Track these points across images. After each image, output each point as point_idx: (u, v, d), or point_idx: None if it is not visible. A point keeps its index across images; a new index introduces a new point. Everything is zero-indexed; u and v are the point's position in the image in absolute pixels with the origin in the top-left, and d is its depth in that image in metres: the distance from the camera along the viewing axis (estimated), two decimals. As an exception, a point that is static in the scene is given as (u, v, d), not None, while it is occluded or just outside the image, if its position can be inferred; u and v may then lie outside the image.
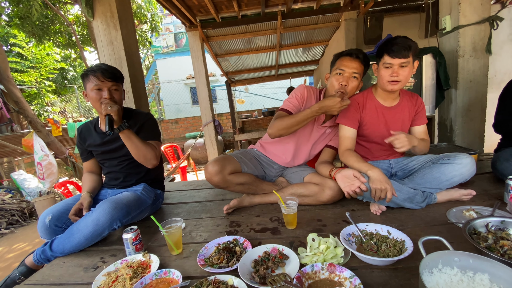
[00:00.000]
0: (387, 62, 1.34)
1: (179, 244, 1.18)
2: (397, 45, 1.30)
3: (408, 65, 1.32)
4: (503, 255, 0.86)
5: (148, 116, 1.58)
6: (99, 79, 1.37)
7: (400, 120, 1.50)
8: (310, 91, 1.60)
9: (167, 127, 8.83)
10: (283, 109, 1.57)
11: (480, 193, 1.44)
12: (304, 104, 1.58)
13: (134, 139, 1.39)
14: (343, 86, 1.43)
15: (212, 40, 4.65)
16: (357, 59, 1.43)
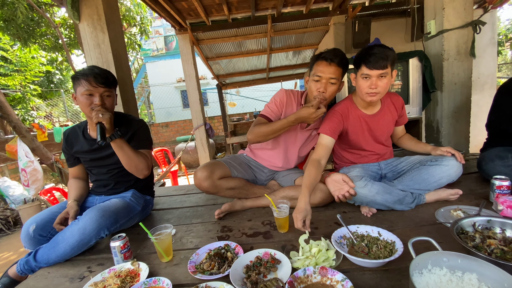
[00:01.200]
0: (365, 73, 1.31)
1: (169, 251, 1.15)
2: (374, 55, 1.26)
3: (387, 76, 1.30)
4: (490, 254, 0.87)
5: (141, 123, 1.53)
6: (91, 84, 1.31)
7: (384, 125, 1.52)
8: (290, 95, 1.59)
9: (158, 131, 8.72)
10: (263, 115, 1.58)
11: (466, 193, 1.47)
12: (283, 109, 1.57)
13: (126, 148, 1.35)
14: (321, 93, 1.41)
15: (203, 43, 4.63)
16: (333, 63, 1.37)
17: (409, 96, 2.35)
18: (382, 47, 1.29)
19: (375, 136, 1.53)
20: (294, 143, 1.65)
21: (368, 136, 1.52)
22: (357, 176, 1.36)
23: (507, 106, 1.56)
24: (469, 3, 2.14)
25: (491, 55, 4.19)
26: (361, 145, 1.54)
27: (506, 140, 1.60)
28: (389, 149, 1.62)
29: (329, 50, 1.41)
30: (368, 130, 1.51)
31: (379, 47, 1.30)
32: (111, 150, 1.38)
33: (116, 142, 1.32)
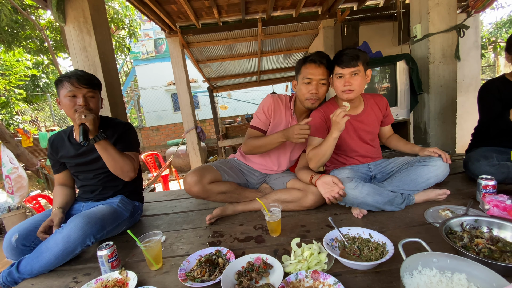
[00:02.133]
0: (338, 72, 1.39)
1: (159, 258, 1.12)
2: (345, 55, 1.34)
3: (359, 73, 1.36)
4: (478, 253, 0.89)
5: (127, 126, 1.51)
6: (74, 85, 1.29)
7: (368, 125, 1.55)
8: (277, 101, 1.59)
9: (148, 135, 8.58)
10: (253, 126, 1.59)
11: (454, 193, 1.50)
12: (272, 116, 1.58)
13: (111, 150, 1.32)
14: (314, 94, 1.45)
15: (193, 46, 4.61)
16: (322, 65, 1.43)
17: (397, 98, 2.39)
18: (353, 48, 1.38)
19: (360, 135, 1.55)
20: (284, 148, 1.65)
21: (354, 136, 1.54)
22: (348, 177, 1.36)
23: (488, 106, 1.62)
24: (453, 8, 2.20)
25: (474, 58, 4.33)
26: (348, 145, 1.56)
27: (490, 140, 1.66)
28: (377, 150, 1.64)
29: (314, 53, 1.47)
30: (353, 130, 1.54)
31: (351, 48, 1.38)
32: (97, 153, 1.35)
33: (100, 143, 1.29)
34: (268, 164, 1.68)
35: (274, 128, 1.59)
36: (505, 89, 1.56)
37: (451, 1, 2.19)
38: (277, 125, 1.59)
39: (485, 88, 1.65)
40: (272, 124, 1.59)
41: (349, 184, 1.33)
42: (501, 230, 0.97)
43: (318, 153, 1.41)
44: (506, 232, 0.95)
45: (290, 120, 1.60)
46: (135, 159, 1.45)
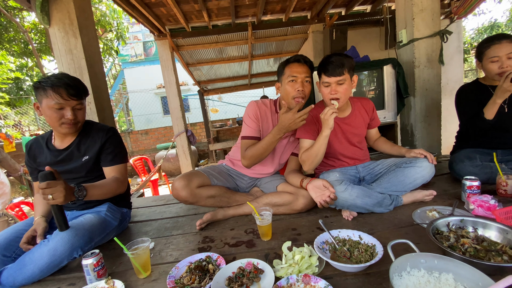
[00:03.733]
0: (325, 81, 1.40)
1: (147, 266, 1.09)
2: (331, 64, 1.36)
3: (345, 82, 1.38)
4: (464, 253, 0.91)
5: (110, 132, 1.40)
6: (62, 97, 1.20)
7: (355, 127, 1.57)
8: (262, 106, 1.59)
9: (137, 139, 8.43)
10: (246, 136, 1.56)
11: (440, 193, 1.54)
12: (260, 121, 1.57)
13: (98, 192, 1.22)
14: (300, 91, 1.45)
15: (183, 49, 4.58)
16: (305, 63, 1.47)
17: (384, 101, 2.44)
18: (339, 56, 1.38)
19: (348, 138, 1.57)
20: (272, 153, 1.65)
21: (342, 138, 1.56)
22: (337, 180, 1.38)
23: (464, 108, 1.70)
24: (436, 14, 2.28)
25: (458, 62, 4.48)
26: (336, 148, 1.57)
27: (471, 141, 1.71)
28: (364, 152, 1.66)
29: (295, 55, 1.50)
30: (341, 133, 1.56)
31: (337, 55, 1.38)
32: (79, 161, 1.31)
33: (87, 196, 1.16)
34: (256, 168, 1.67)
35: (264, 130, 1.59)
36: (478, 91, 1.65)
37: (435, 7, 2.26)
38: (265, 130, 1.59)
39: (461, 92, 1.74)
40: (261, 129, 1.59)
41: (338, 187, 1.34)
42: (485, 229, 0.99)
43: (311, 154, 1.41)
44: (491, 231, 0.98)
45: (276, 119, 1.59)
46: (123, 172, 1.39)
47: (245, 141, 1.55)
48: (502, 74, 1.44)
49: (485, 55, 1.54)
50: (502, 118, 1.54)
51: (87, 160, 1.35)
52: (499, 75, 1.49)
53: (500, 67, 1.49)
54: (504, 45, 1.46)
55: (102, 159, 1.36)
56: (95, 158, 1.36)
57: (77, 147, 1.35)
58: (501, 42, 1.47)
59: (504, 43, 1.47)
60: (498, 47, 1.48)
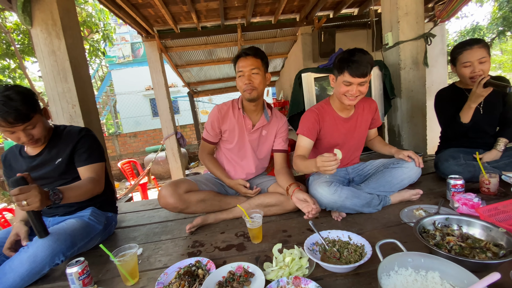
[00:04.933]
0: (347, 80, 1.35)
1: (135, 273, 1.07)
2: (356, 63, 1.30)
3: (366, 82, 1.37)
4: (450, 251, 0.93)
5: (82, 132, 1.36)
6: (4, 126, 1.12)
7: (357, 128, 1.58)
8: (222, 109, 1.57)
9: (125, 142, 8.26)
10: (204, 139, 1.65)
11: (426, 192, 1.57)
12: (222, 125, 1.57)
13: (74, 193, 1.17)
14: (248, 84, 1.42)
15: (172, 51, 4.53)
16: (248, 56, 1.43)
17: (372, 103, 2.48)
18: (362, 53, 1.33)
19: (347, 139, 1.57)
20: (246, 151, 1.63)
21: (343, 138, 1.56)
22: (327, 182, 1.38)
23: (442, 112, 1.76)
24: (420, 17, 2.34)
25: (442, 64, 4.62)
26: (334, 146, 1.55)
27: (454, 141, 1.77)
28: (357, 154, 1.69)
29: (243, 49, 1.48)
30: (343, 134, 1.56)
31: (360, 52, 1.33)
32: (53, 165, 1.28)
33: (64, 199, 1.11)
34: (237, 169, 1.66)
35: (230, 133, 1.58)
36: (455, 95, 1.70)
37: (419, 11, 2.32)
38: (231, 130, 1.58)
39: (438, 96, 1.79)
40: (227, 130, 1.58)
41: (328, 189, 1.35)
42: (470, 227, 1.02)
43: (301, 167, 1.41)
44: (475, 229, 1.00)
45: (243, 120, 1.57)
46: (98, 172, 1.34)
47: (203, 143, 1.67)
48: (474, 79, 1.49)
49: (458, 60, 1.58)
50: (478, 120, 1.60)
51: (60, 162, 1.31)
52: (471, 80, 1.53)
53: (472, 71, 1.53)
54: (475, 50, 1.49)
55: (76, 159, 1.32)
56: (68, 160, 1.32)
57: (48, 151, 1.32)
58: (472, 48, 1.50)
59: (475, 48, 1.49)
60: (470, 52, 1.51)
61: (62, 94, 2.05)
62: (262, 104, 1.60)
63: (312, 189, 1.42)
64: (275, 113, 1.66)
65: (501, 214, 1.13)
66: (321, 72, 2.32)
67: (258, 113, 1.60)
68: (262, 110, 1.61)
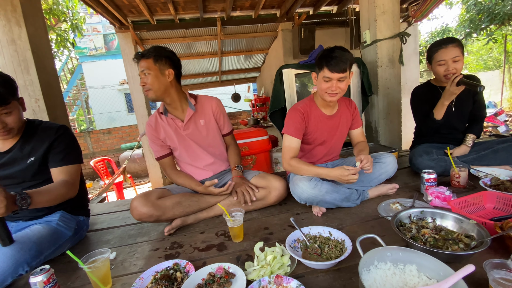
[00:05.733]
0: (326, 76, 1.36)
1: (107, 279, 1.00)
2: (335, 59, 1.31)
3: (346, 79, 1.37)
4: (425, 243, 0.96)
5: (60, 131, 1.26)
6: None
7: (340, 126, 1.58)
8: (152, 122, 1.54)
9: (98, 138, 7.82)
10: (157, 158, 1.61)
11: (402, 186, 1.63)
12: (160, 135, 1.54)
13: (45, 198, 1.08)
14: (144, 86, 1.39)
15: (147, 43, 4.33)
16: (142, 59, 1.38)
17: (351, 99, 2.53)
18: (342, 50, 1.35)
19: (331, 135, 1.58)
20: (195, 149, 1.58)
21: (326, 135, 1.56)
22: (307, 177, 1.39)
23: (417, 108, 1.82)
24: (396, 17, 2.41)
25: (414, 63, 4.83)
26: (317, 143, 1.58)
27: (427, 137, 1.86)
28: (338, 151, 1.71)
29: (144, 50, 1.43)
30: (327, 131, 1.56)
31: (339, 50, 1.34)
32: (24, 164, 1.16)
33: (32, 204, 1.02)
34: (201, 172, 1.62)
35: (170, 141, 1.55)
36: (429, 92, 1.77)
37: (395, 10, 2.39)
38: (169, 137, 1.54)
39: (414, 93, 1.86)
40: (165, 138, 1.55)
41: (308, 184, 1.35)
42: (443, 219, 1.06)
43: (300, 170, 1.42)
44: (448, 221, 1.05)
45: (172, 122, 1.53)
46: (73, 175, 1.25)
47: (159, 162, 1.61)
48: (448, 77, 1.56)
49: (433, 59, 1.63)
50: (450, 117, 1.68)
51: (32, 162, 1.20)
52: (445, 77, 1.60)
53: (446, 70, 1.59)
54: (449, 49, 1.55)
55: (50, 159, 1.21)
56: (41, 160, 1.21)
57: (20, 148, 1.20)
58: (447, 47, 1.55)
59: (450, 47, 1.55)
60: (445, 51, 1.56)
61: (23, 87, 1.88)
62: (183, 98, 1.54)
63: (293, 184, 1.42)
64: (200, 99, 1.60)
65: (471, 206, 1.19)
66: (301, 68, 2.32)
67: (183, 108, 1.54)
68: (186, 103, 1.54)
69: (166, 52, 1.42)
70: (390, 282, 0.78)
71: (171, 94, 1.46)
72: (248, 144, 2.66)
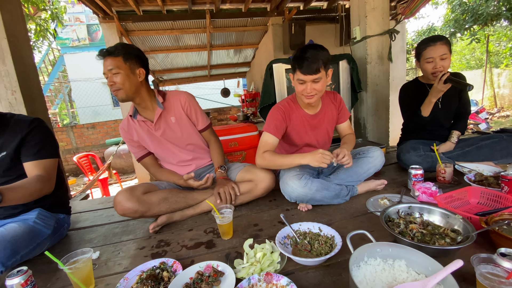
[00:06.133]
0: (300, 78, 1.32)
1: (89, 280, 0.95)
2: (307, 60, 1.26)
3: (321, 79, 1.31)
4: (413, 238, 0.96)
5: (33, 124, 1.19)
6: None
7: (324, 124, 1.55)
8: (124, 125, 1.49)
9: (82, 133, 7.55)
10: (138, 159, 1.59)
11: (390, 182, 1.65)
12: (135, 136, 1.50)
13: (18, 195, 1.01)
14: (111, 86, 1.31)
15: (133, 35, 4.18)
16: (106, 57, 1.29)
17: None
18: (314, 49, 1.28)
19: (316, 134, 1.56)
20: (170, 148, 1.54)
21: (311, 134, 1.55)
22: (297, 175, 1.38)
23: (405, 105, 1.85)
24: (386, 14, 2.42)
25: (401, 61, 4.92)
26: (302, 142, 1.56)
27: (414, 134, 1.89)
28: (327, 148, 1.70)
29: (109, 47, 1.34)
30: (310, 130, 1.54)
31: (312, 49, 1.28)
32: None
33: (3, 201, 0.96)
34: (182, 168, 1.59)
35: (143, 141, 1.51)
36: (417, 90, 1.80)
37: (385, 7, 2.40)
38: (142, 139, 1.51)
39: (402, 90, 1.88)
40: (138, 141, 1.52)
41: (298, 182, 1.34)
42: (430, 214, 1.07)
43: (275, 163, 1.38)
44: (434, 216, 1.06)
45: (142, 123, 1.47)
46: (49, 170, 1.18)
47: (142, 163, 1.58)
48: (436, 74, 1.58)
49: (422, 56, 1.64)
50: (437, 114, 1.71)
51: (4, 157, 1.13)
52: (433, 75, 1.62)
53: (433, 67, 1.61)
54: (438, 47, 1.57)
55: (24, 153, 1.15)
56: (13, 155, 1.14)
57: None
58: (435, 44, 1.57)
59: (438, 45, 1.57)
60: (433, 48, 1.58)
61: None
62: (152, 97, 1.46)
63: (283, 183, 1.40)
64: (169, 96, 1.51)
65: (456, 201, 1.21)
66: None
67: (153, 107, 1.46)
68: (155, 102, 1.47)
69: (135, 50, 1.35)
70: (380, 277, 0.78)
71: (141, 93, 1.39)
72: (238, 140, 2.63)
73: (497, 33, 10.60)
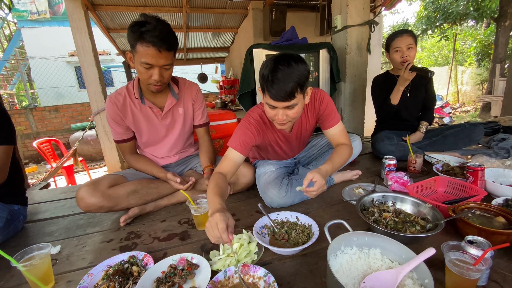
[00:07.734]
0: (270, 103, 1.07)
1: (48, 277, 0.86)
2: (277, 84, 0.99)
3: (296, 105, 1.07)
4: (386, 226, 0.99)
5: None
6: None
7: (303, 134, 1.42)
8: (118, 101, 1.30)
9: (43, 117, 6.90)
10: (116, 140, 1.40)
11: (364, 172, 1.69)
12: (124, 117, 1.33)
13: None
14: (157, 81, 1.20)
15: (101, 10, 3.82)
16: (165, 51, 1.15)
17: (319, 86, 2.54)
18: (287, 66, 0.99)
19: (291, 145, 1.46)
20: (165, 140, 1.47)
21: (285, 146, 1.44)
22: (275, 181, 1.33)
23: (376, 95, 1.95)
24: (366, 4, 2.42)
25: (377, 54, 5.04)
26: (279, 151, 1.47)
27: (386, 124, 1.99)
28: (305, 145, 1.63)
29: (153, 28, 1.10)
30: (288, 143, 1.43)
31: (284, 65, 1.00)
32: None
33: None
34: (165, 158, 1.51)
35: (136, 126, 1.37)
36: (387, 81, 1.91)
37: (365, -3, 2.40)
38: (136, 122, 1.36)
39: (374, 82, 1.99)
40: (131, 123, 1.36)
41: (277, 192, 1.29)
42: (402, 203, 1.11)
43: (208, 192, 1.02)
44: (406, 205, 1.10)
45: (146, 109, 1.36)
46: (1, 157, 1.06)
47: (120, 145, 1.42)
48: (403, 63, 1.68)
49: (391, 47, 1.77)
50: (406, 102, 1.84)
51: None
52: (401, 64, 1.72)
53: (401, 56, 1.72)
54: (404, 37, 1.70)
55: None
56: None
57: None
58: (402, 35, 1.71)
59: (405, 36, 1.70)
60: (400, 39, 1.71)
61: None
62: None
63: (262, 192, 1.33)
64: (182, 85, 1.43)
65: (426, 190, 1.27)
66: (273, 50, 2.24)
67: (163, 94, 1.37)
68: (167, 90, 1.39)
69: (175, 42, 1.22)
70: (355, 266, 0.79)
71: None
72: (216, 127, 2.55)
73: (464, 32, 11.28)
